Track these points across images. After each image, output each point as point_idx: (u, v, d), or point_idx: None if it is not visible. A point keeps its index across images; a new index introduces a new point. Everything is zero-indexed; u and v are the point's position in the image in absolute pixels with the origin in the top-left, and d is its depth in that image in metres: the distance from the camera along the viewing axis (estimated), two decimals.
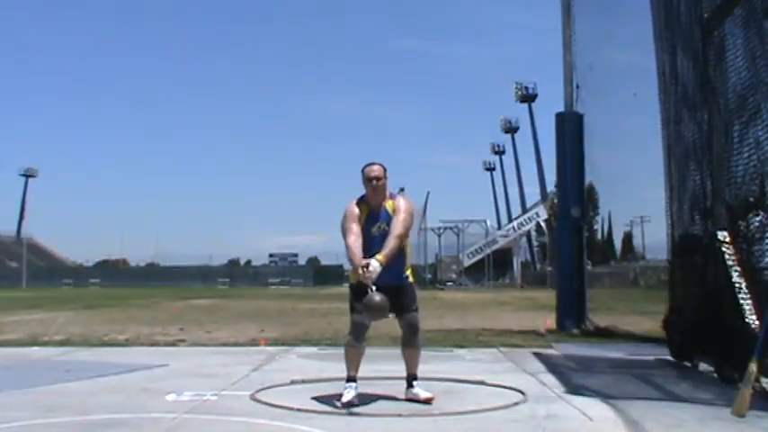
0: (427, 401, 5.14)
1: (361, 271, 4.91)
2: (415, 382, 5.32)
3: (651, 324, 8.95)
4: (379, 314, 5.00)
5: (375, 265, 4.90)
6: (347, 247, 5.11)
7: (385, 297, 4.91)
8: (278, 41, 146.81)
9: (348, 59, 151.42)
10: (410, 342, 5.34)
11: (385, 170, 5.29)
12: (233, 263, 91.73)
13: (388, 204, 5.26)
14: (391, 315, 5.19)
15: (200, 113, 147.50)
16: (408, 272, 5.39)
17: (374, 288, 4.88)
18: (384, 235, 5.12)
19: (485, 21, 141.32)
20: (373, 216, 5.23)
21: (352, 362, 5.22)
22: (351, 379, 5.19)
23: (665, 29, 7.57)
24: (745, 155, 5.85)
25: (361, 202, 5.29)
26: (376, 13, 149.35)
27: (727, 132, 6.16)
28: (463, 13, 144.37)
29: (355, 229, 5.14)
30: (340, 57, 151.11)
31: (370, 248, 5.07)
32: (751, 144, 5.76)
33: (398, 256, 5.14)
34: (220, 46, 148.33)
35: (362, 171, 5.29)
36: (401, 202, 5.28)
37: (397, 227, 5.11)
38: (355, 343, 5.22)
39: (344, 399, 5.07)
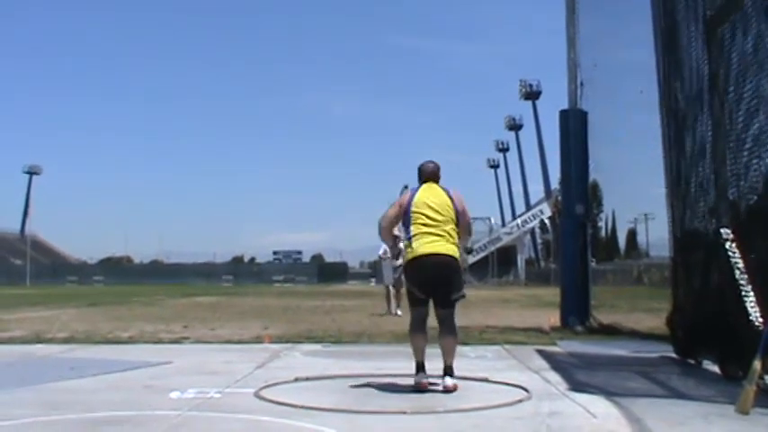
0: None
1: None
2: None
3: (655, 321, 8.94)
4: None
5: None
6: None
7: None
8: (280, 40, 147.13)
9: (352, 58, 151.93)
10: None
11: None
12: (237, 260, 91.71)
13: None
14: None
15: (204, 111, 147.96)
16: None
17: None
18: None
19: (489, 18, 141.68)
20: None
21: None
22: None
23: (667, 25, 7.55)
24: (749, 152, 5.83)
25: None
26: (379, 11, 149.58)
27: (730, 129, 6.14)
28: (468, 10, 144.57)
29: None
30: (344, 55, 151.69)
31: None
32: (754, 141, 5.74)
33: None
34: (224, 44, 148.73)
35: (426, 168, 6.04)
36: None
37: None
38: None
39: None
